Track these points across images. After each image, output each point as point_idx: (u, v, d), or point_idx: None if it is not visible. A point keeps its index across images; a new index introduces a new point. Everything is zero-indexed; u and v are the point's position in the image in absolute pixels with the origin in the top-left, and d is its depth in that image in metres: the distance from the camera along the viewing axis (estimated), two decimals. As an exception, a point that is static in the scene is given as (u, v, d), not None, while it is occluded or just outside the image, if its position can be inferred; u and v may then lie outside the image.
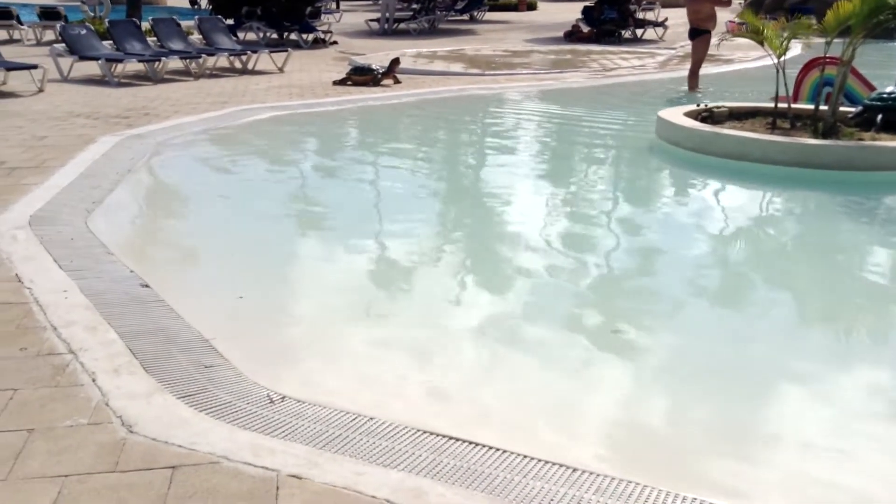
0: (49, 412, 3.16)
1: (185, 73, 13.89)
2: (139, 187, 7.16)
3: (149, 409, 3.18)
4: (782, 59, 8.19)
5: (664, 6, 26.66)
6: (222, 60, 14.77)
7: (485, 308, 4.64)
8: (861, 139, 7.64)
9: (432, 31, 24.58)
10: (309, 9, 21.72)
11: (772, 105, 8.44)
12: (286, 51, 15.35)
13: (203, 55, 14.15)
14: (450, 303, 4.73)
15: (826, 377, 3.89)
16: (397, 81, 13.41)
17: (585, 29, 22.33)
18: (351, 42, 20.85)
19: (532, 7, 37.08)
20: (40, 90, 11.82)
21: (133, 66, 13.56)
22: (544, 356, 4.05)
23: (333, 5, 31.55)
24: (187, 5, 28.05)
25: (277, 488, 2.71)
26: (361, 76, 13.28)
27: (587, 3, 24.39)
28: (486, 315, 4.53)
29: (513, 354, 4.07)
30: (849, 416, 3.52)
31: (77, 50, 13.16)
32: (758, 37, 8.42)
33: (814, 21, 9.66)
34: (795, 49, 13.39)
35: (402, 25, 24.33)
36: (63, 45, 13.45)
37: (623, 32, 22.19)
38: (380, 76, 13.31)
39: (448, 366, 3.93)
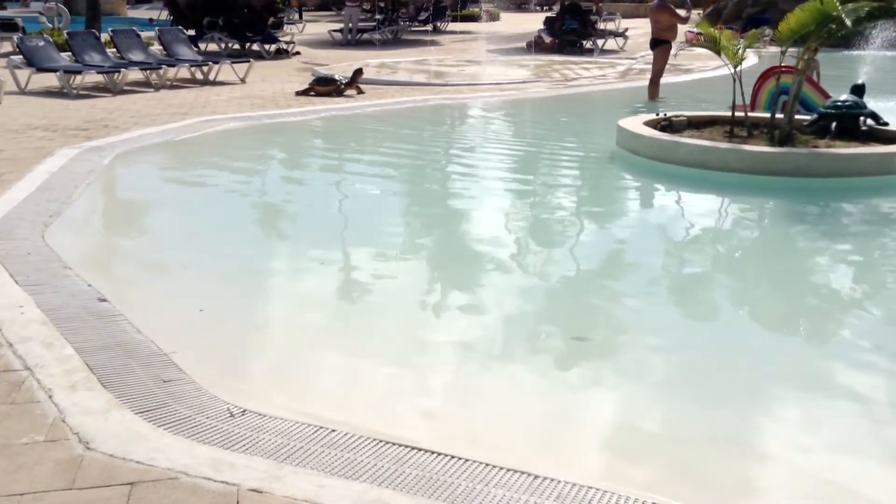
0: (4, 430, 3.11)
1: (146, 85, 13.76)
2: (97, 200, 7.08)
3: (106, 425, 3.14)
4: (738, 68, 8.33)
5: (625, 17, 27.00)
6: (183, 71, 14.64)
7: (446, 319, 4.66)
8: (816, 147, 7.79)
9: (396, 42, 24.61)
10: (271, 19, 21.63)
11: (730, 114, 8.57)
12: (248, 61, 15.27)
13: (164, 66, 14.03)
14: (411, 315, 4.72)
15: (785, 379, 3.95)
16: (361, 92, 13.41)
17: (548, 39, 22.50)
18: (314, 52, 20.81)
19: (495, 18, 37.28)
20: (-3, 102, 11.63)
21: (92, 77, 13.39)
22: (508, 366, 4.08)
23: (296, 16, 31.44)
24: (147, 16, 27.78)
25: (238, 503, 2.69)
26: (324, 87, 13.25)
27: (549, 14, 24.62)
28: (446, 326, 4.55)
29: (473, 363, 4.08)
30: (811, 415, 3.59)
31: (35, 62, 12.96)
32: (714, 46, 8.55)
33: (769, 31, 9.86)
34: (754, 59, 13.65)
35: (366, 36, 24.32)
36: (20, 56, 13.24)
37: (584, 43, 22.40)
38: (343, 86, 13.29)
39: (409, 376, 3.93)
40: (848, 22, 7.31)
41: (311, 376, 3.88)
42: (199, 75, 14.85)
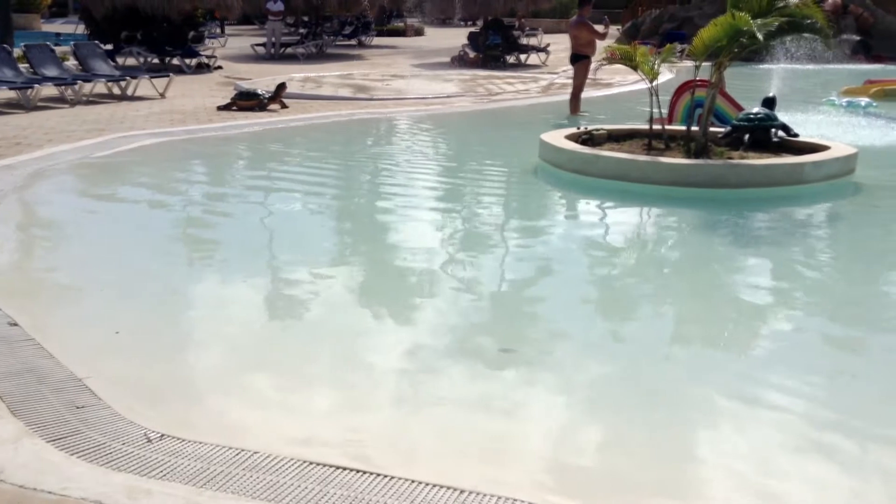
0: None
1: (61, 101, 13.37)
2: (8, 221, 6.82)
3: (16, 455, 3.03)
4: (655, 83, 8.53)
5: (546, 32, 27.48)
6: (100, 87, 14.27)
7: (371, 336, 4.63)
8: (731, 158, 8.02)
9: (320, 56, 24.50)
10: (192, 33, 21.29)
11: (648, 127, 8.77)
12: (168, 76, 15.00)
13: (79, 81, 13.66)
14: (335, 332, 4.66)
15: (709, 387, 4.04)
16: (284, 106, 13.30)
17: (472, 54, 22.72)
18: (236, 67, 20.56)
19: (419, 32, 37.50)
20: None
21: (4, 93, 12.96)
22: (434, 380, 4.07)
23: (218, 30, 31.04)
24: (64, 30, 27.00)
25: (155, 531, 2.62)
26: (247, 101, 13.11)
27: (473, 30, 24.89)
28: (371, 343, 4.51)
29: (398, 378, 4.06)
30: (739, 424, 3.68)
31: (-59, 77, 12.50)
32: (630, 63, 8.75)
33: (682, 46, 10.14)
34: (671, 73, 14.02)
35: (290, 50, 24.18)
36: (-74, 72, 12.74)
37: (508, 58, 22.69)
38: (266, 101, 13.18)
39: (333, 395, 3.89)
40: (760, 35, 7.55)
41: (233, 398, 3.79)
42: (116, 91, 14.51)
